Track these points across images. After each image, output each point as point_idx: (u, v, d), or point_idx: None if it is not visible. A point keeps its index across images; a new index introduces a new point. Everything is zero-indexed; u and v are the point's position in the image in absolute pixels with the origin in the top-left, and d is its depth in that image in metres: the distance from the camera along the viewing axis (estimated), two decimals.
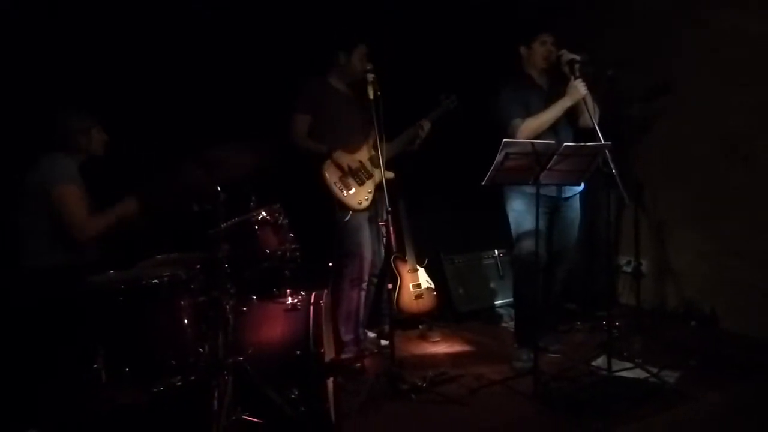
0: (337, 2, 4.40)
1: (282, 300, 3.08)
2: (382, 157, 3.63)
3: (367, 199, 3.93)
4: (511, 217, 3.88)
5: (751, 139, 4.13)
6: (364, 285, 4.05)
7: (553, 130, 3.70)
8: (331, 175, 3.85)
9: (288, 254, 3.16)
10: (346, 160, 3.89)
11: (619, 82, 4.19)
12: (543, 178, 3.32)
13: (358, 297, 4.02)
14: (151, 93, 3.86)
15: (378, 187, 3.91)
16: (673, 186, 4.69)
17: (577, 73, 3.58)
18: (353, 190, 3.90)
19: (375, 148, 3.73)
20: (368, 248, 3.98)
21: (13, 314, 2.94)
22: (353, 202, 3.89)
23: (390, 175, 3.96)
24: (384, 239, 4.07)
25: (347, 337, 4.00)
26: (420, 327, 4.66)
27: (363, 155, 3.99)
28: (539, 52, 3.78)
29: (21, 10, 3.58)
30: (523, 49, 3.85)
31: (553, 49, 3.76)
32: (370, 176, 3.96)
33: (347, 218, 3.87)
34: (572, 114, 3.77)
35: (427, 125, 4.13)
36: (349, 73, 3.99)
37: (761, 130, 4.07)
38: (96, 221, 3.18)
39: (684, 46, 4.47)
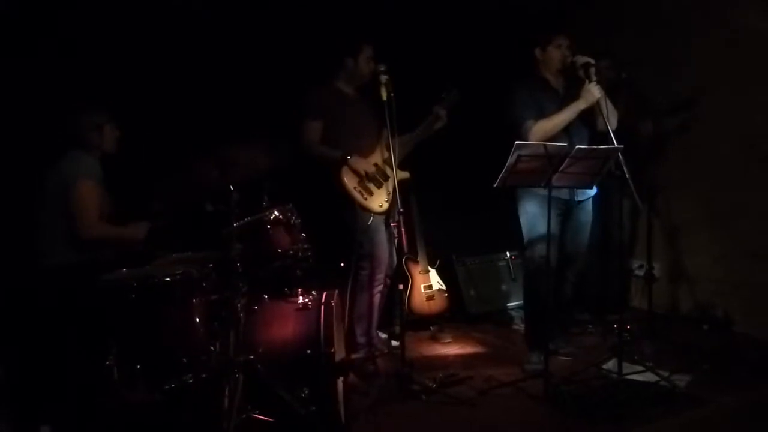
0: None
1: (293, 299, 3.10)
2: (394, 158, 3.64)
3: (387, 201, 3.93)
4: (524, 219, 3.87)
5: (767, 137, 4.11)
6: (380, 287, 4.05)
7: (566, 132, 3.68)
8: (350, 181, 3.84)
9: (300, 254, 3.18)
10: (363, 164, 3.88)
11: (635, 84, 4.19)
12: (555, 180, 3.32)
13: (372, 299, 4.02)
14: (167, 94, 3.90)
15: (394, 188, 3.91)
16: (687, 188, 4.66)
17: (593, 77, 3.56)
18: (373, 194, 3.90)
19: (388, 149, 3.72)
20: (385, 250, 3.98)
21: (28, 311, 2.98)
22: (374, 206, 3.89)
23: (405, 175, 3.97)
24: (396, 240, 4.08)
25: (362, 339, 4.01)
26: (431, 328, 4.67)
27: (377, 158, 3.98)
28: (555, 55, 3.76)
29: (36, 14, 3.62)
30: (538, 52, 3.83)
31: (567, 53, 3.74)
32: (387, 178, 3.95)
33: (371, 221, 3.87)
34: (589, 117, 3.76)
35: (443, 111, 4.05)
36: (357, 77, 3.96)
37: None
38: (103, 228, 3.24)
39: (702, 46, 4.44)
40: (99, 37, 3.76)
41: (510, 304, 5.15)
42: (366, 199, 3.87)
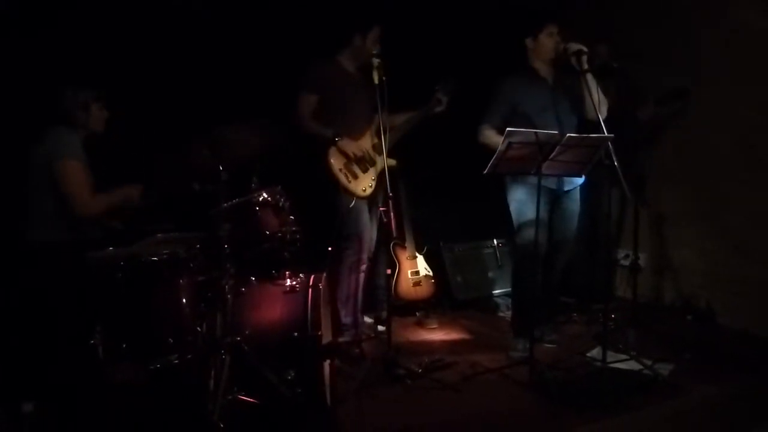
0: None
1: (281, 282, 3.09)
2: (385, 143, 3.61)
3: (370, 186, 3.92)
4: (512, 207, 3.87)
5: (759, 135, 4.13)
6: (363, 268, 4.06)
7: (556, 120, 3.68)
8: (336, 162, 3.83)
9: (288, 236, 3.15)
10: (351, 147, 3.86)
11: (626, 74, 4.19)
12: (545, 168, 3.32)
13: (357, 280, 4.03)
14: (159, 72, 3.86)
15: (380, 173, 3.90)
16: (676, 180, 4.70)
17: (585, 65, 3.55)
18: (358, 178, 3.89)
19: (378, 135, 3.70)
20: (367, 232, 3.99)
21: (14, 287, 2.95)
22: (357, 189, 3.88)
23: (392, 162, 3.94)
24: (380, 223, 4.08)
25: (347, 319, 4.01)
26: (417, 314, 4.68)
27: (367, 142, 3.96)
28: (546, 44, 3.74)
29: None
30: (529, 41, 3.80)
31: (559, 40, 3.73)
32: (373, 163, 3.94)
33: (352, 204, 3.86)
34: (579, 105, 3.76)
35: (444, 97, 4.03)
36: (362, 55, 3.89)
37: None
38: (99, 200, 3.18)
39: (697, 41, 4.45)
40: (90, 16, 3.70)
41: (496, 291, 5.17)
42: (350, 182, 3.85)
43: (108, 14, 3.76)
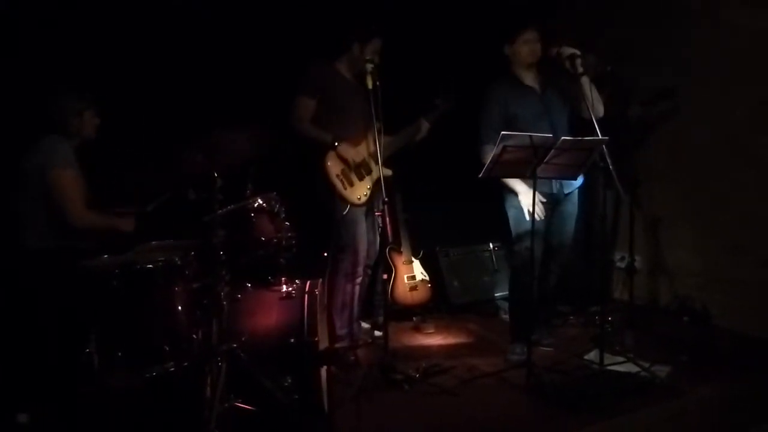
0: None
1: (277, 288, 3.10)
2: (380, 152, 3.59)
3: (366, 195, 3.88)
4: (511, 213, 3.85)
5: (752, 135, 4.14)
6: (359, 279, 4.00)
7: (549, 122, 3.66)
8: (333, 168, 3.78)
9: (284, 242, 3.16)
10: (351, 154, 3.81)
11: (619, 78, 4.19)
12: (540, 171, 3.32)
13: (353, 290, 3.97)
14: (152, 78, 3.84)
15: (376, 182, 3.88)
16: (670, 181, 4.69)
17: (579, 68, 3.54)
18: (354, 185, 3.85)
19: (375, 144, 3.68)
20: (363, 242, 3.93)
21: (9, 295, 2.94)
22: (353, 197, 3.83)
23: (388, 172, 3.90)
24: (380, 229, 4.06)
25: (342, 330, 3.95)
26: (414, 318, 4.67)
27: (364, 149, 3.93)
28: (523, 51, 3.71)
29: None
30: (507, 49, 3.78)
31: (538, 46, 3.71)
32: (369, 171, 3.91)
33: (346, 212, 3.82)
34: (573, 104, 3.75)
35: (425, 126, 4.06)
36: (358, 64, 3.83)
37: (763, 126, 4.08)
38: (92, 216, 3.19)
39: (686, 41, 4.47)
40: (80, 22, 3.70)
41: (497, 294, 5.14)
42: (346, 188, 3.81)
43: (101, 19, 3.75)
